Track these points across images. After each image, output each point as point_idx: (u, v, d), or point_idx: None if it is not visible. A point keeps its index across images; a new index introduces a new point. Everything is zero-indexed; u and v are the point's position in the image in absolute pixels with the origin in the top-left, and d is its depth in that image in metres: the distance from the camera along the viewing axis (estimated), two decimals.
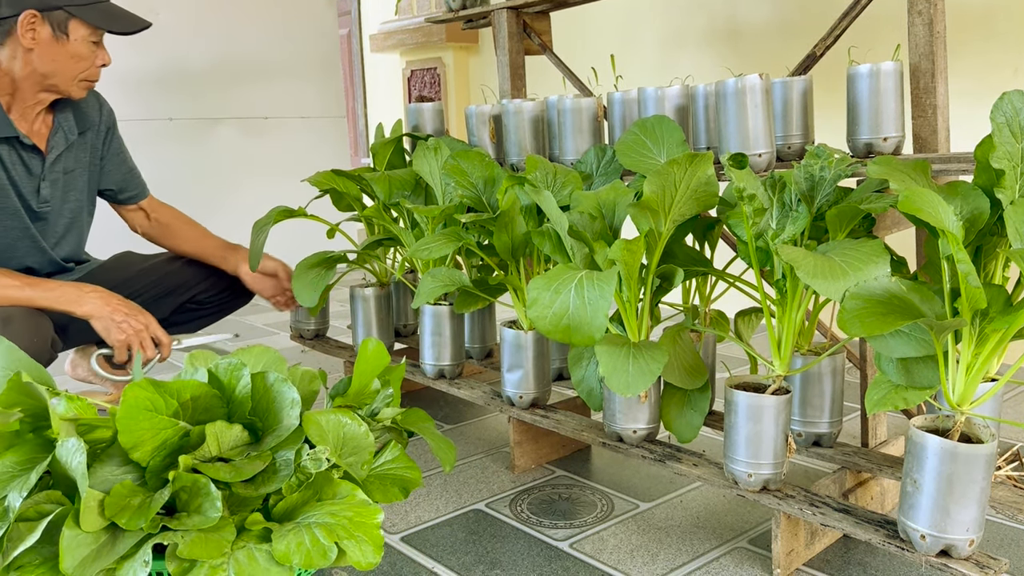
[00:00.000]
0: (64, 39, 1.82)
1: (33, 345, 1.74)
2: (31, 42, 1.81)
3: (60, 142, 1.98)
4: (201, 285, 2.25)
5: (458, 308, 1.93)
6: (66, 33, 1.82)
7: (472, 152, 1.85)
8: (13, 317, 1.73)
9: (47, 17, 1.80)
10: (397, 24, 4.80)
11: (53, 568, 1.05)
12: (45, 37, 1.81)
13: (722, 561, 1.48)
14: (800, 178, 1.38)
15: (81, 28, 1.83)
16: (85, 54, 1.86)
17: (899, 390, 1.26)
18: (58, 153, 1.98)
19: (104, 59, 1.90)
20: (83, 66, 1.87)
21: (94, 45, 1.87)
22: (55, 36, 1.82)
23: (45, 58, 1.83)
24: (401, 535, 1.61)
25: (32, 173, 1.95)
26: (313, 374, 1.41)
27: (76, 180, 2.07)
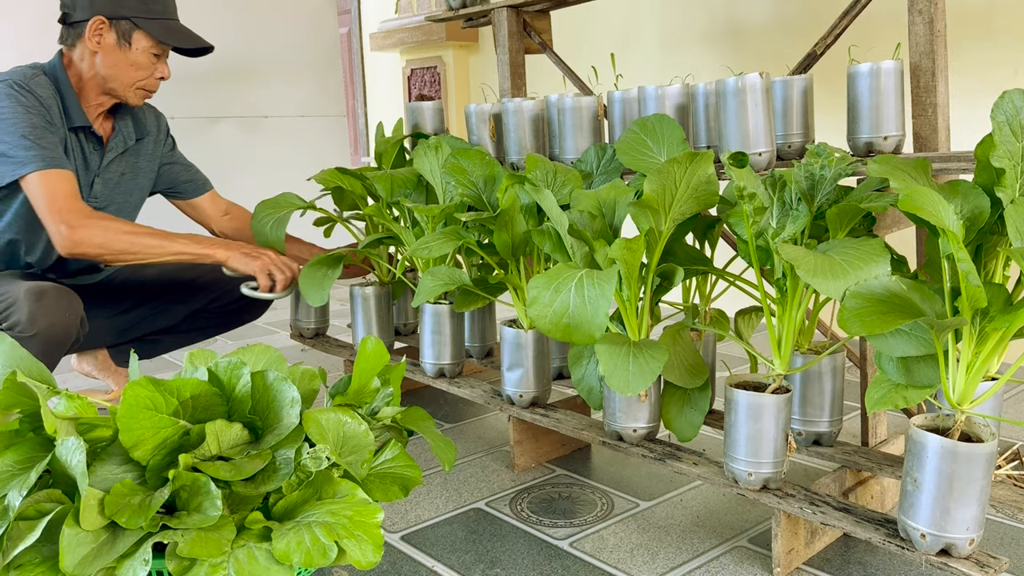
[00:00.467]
0: (126, 47, 1.95)
1: (65, 319, 1.80)
2: (96, 45, 1.94)
3: (119, 144, 2.09)
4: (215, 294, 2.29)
5: (458, 307, 1.93)
6: (129, 42, 1.95)
7: (472, 151, 1.85)
8: (47, 292, 1.80)
9: (114, 25, 1.94)
10: (397, 23, 4.80)
11: (53, 567, 1.05)
12: (110, 43, 1.95)
13: (722, 560, 1.48)
14: (800, 177, 1.38)
15: (143, 39, 1.96)
16: (144, 64, 1.98)
17: (899, 389, 1.26)
18: (116, 155, 2.09)
19: (163, 72, 2.03)
20: (141, 75, 1.99)
21: (155, 57, 1.99)
22: (119, 43, 1.95)
23: (107, 62, 1.96)
24: (401, 534, 1.61)
25: (89, 167, 2.04)
26: (313, 373, 1.41)
27: (127, 184, 2.15)
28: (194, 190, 2.33)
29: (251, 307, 2.34)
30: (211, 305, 2.29)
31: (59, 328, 1.79)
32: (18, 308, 1.77)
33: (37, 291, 1.80)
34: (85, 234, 1.83)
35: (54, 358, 1.84)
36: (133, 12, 1.94)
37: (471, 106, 2.20)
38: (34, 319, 1.75)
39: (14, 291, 1.81)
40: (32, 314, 1.75)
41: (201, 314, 2.31)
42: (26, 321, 1.75)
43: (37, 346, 1.76)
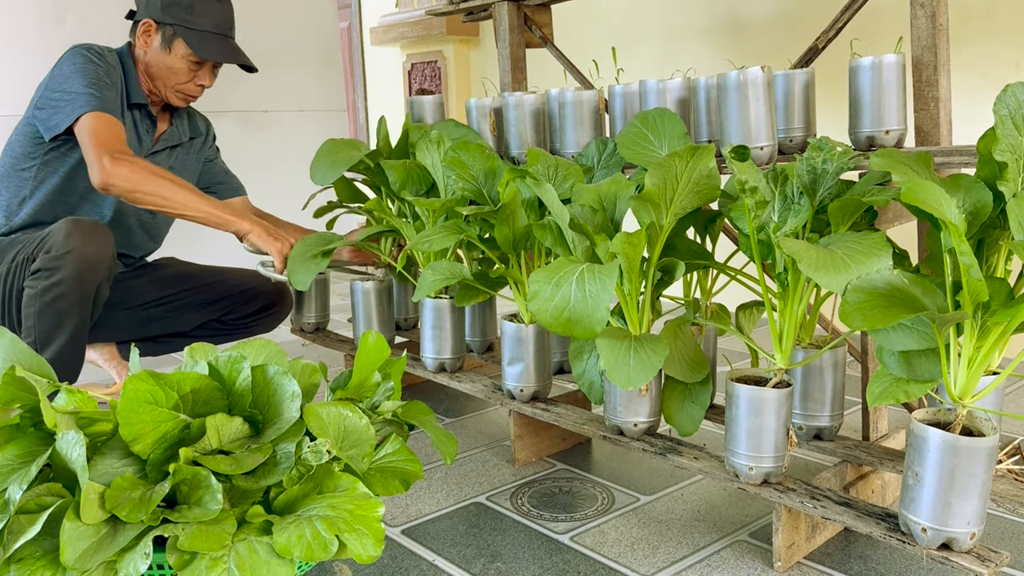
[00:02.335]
0: (167, 51, 2.08)
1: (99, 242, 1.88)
2: (145, 45, 2.10)
3: (172, 137, 2.22)
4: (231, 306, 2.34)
5: (459, 301, 1.93)
6: (170, 47, 2.08)
7: (473, 145, 1.84)
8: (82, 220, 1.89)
9: (160, 29, 2.08)
10: (397, 17, 4.79)
11: (54, 560, 1.05)
12: (155, 45, 2.09)
13: (723, 554, 1.48)
14: (802, 171, 1.38)
15: (182, 47, 2.08)
16: (181, 70, 2.10)
17: (900, 383, 1.26)
18: (167, 146, 2.21)
19: (204, 80, 2.15)
20: (179, 79, 2.11)
21: (195, 64, 2.10)
22: (162, 47, 2.09)
23: (152, 62, 2.10)
24: (402, 528, 1.61)
25: (142, 145, 2.16)
26: (314, 367, 1.41)
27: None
28: (225, 192, 2.40)
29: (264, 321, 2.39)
30: (226, 316, 2.34)
31: (92, 248, 1.86)
32: (55, 232, 1.86)
33: (73, 218, 1.89)
34: (124, 168, 1.88)
35: (87, 284, 1.88)
36: (178, 20, 2.06)
37: (472, 100, 2.20)
38: (70, 236, 1.83)
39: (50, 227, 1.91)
40: (68, 232, 1.83)
41: (215, 324, 2.35)
42: (62, 239, 1.83)
43: (72, 265, 1.83)
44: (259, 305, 2.36)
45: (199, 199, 1.97)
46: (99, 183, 1.89)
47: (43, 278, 1.83)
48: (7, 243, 2.01)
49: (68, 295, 1.84)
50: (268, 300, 2.37)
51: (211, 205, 1.99)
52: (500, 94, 2.22)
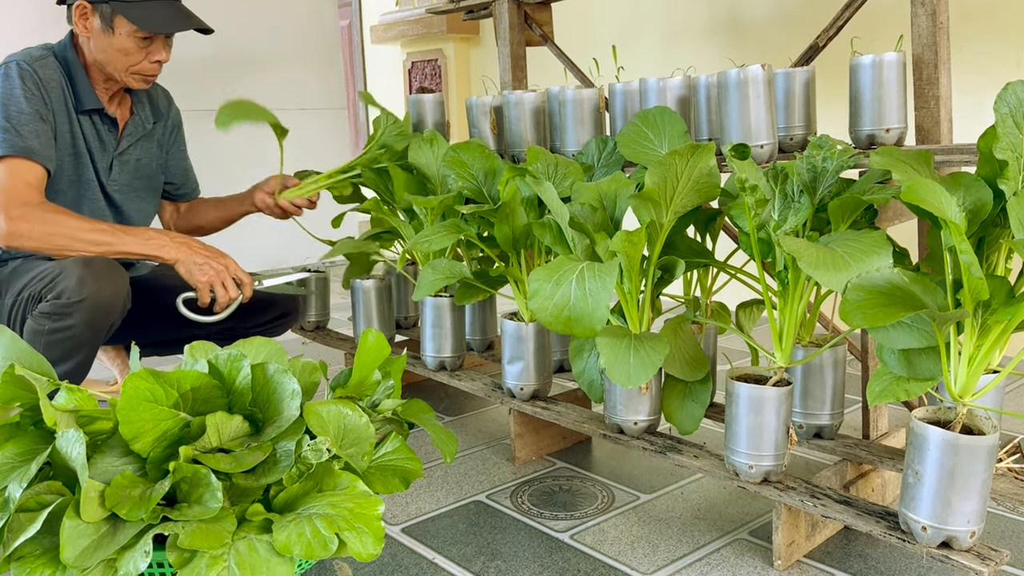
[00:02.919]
0: (110, 32, 1.86)
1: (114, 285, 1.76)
2: (84, 31, 1.88)
3: (137, 129, 2.06)
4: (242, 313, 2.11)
5: (459, 300, 1.93)
6: (112, 27, 1.86)
7: (472, 143, 1.84)
8: (95, 261, 1.77)
9: (97, 9, 1.85)
10: (398, 15, 4.78)
11: (54, 558, 1.05)
12: (96, 28, 1.87)
13: (723, 552, 1.48)
14: (802, 169, 1.38)
15: (125, 24, 1.86)
16: (131, 49, 1.88)
17: (901, 382, 1.26)
18: (134, 140, 2.05)
19: (159, 55, 1.92)
20: (132, 60, 1.90)
21: (144, 41, 1.88)
22: (103, 28, 1.87)
23: (97, 47, 1.89)
24: (402, 526, 1.61)
25: (106, 149, 2.00)
26: (314, 365, 1.41)
27: (145, 169, 2.11)
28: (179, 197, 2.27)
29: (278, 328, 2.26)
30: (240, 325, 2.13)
31: (107, 293, 1.74)
32: (67, 275, 1.73)
33: (85, 259, 1.76)
34: (24, 227, 1.75)
35: (99, 329, 1.77)
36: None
37: (472, 99, 2.19)
38: (83, 282, 1.70)
39: (58, 264, 1.77)
40: (81, 278, 1.71)
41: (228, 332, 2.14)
42: (75, 286, 1.71)
43: (85, 313, 1.72)
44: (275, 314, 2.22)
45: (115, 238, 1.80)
46: (2, 244, 1.77)
47: (52, 320, 1.72)
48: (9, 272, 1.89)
49: (78, 337, 1.74)
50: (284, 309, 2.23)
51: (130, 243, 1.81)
52: (500, 92, 2.22)
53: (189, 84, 3.96)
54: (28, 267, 1.85)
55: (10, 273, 1.88)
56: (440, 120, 2.32)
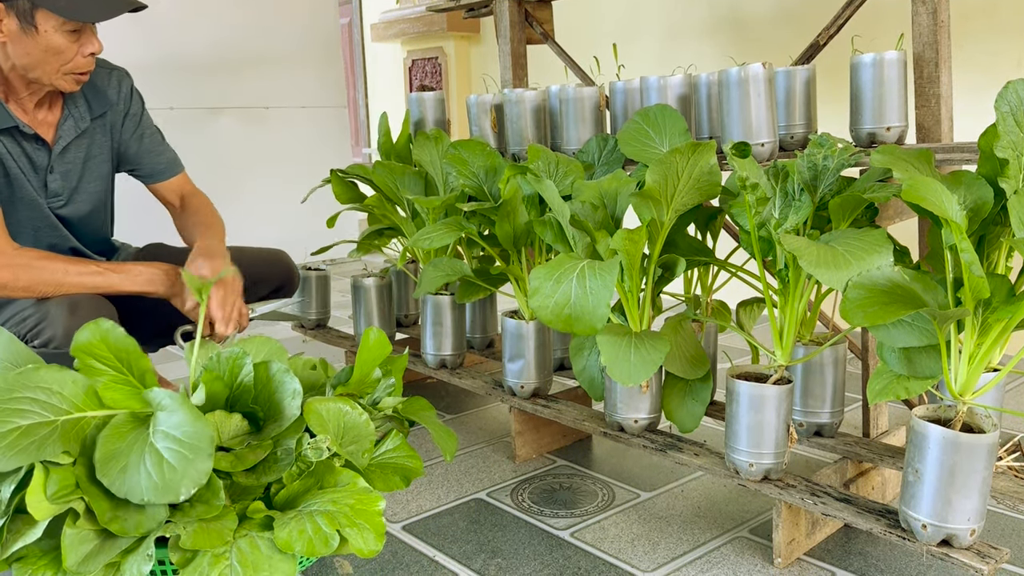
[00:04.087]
0: (33, 31, 1.63)
1: None
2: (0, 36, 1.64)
3: (69, 131, 1.85)
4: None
5: (459, 298, 1.93)
6: (34, 25, 1.62)
7: (473, 141, 1.84)
8: (80, 304, 1.65)
9: (11, 8, 1.61)
10: (398, 13, 4.78)
11: (55, 560, 1.05)
12: (13, 30, 1.63)
13: (723, 550, 1.48)
14: (803, 167, 1.38)
15: (50, 18, 1.62)
16: (61, 46, 1.65)
17: (901, 380, 1.26)
18: (67, 142, 1.85)
19: (91, 47, 1.69)
20: (63, 59, 1.67)
21: (72, 34, 1.66)
22: (23, 28, 1.63)
23: (19, 52, 1.66)
24: (403, 524, 1.61)
25: (37, 166, 1.83)
26: (315, 363, 1.41)
27: (96, 167, 1.93)
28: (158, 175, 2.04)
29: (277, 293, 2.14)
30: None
31: None
32: (52, 323, 1.61)
33: (70, 303, 1.64)
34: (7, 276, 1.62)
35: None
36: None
37: (472, 97, 2.19)
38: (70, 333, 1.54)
39: (44, 305, 1.65)
40: (68, 328, 1.58)
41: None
42: (62, 336, 1.59)
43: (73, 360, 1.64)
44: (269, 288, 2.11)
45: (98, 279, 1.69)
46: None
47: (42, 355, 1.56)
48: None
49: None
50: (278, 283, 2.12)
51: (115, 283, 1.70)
52: (501, 90, 2.22)
53: (189, 83, 3.97)
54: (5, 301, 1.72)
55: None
56: (441, 118, 2.32)
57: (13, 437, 1.03)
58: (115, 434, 1.08)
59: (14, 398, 1.05)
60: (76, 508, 1.04)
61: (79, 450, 1.09)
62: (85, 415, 1.11)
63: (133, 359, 1.17)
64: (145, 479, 1.04)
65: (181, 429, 1.07)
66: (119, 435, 1.09)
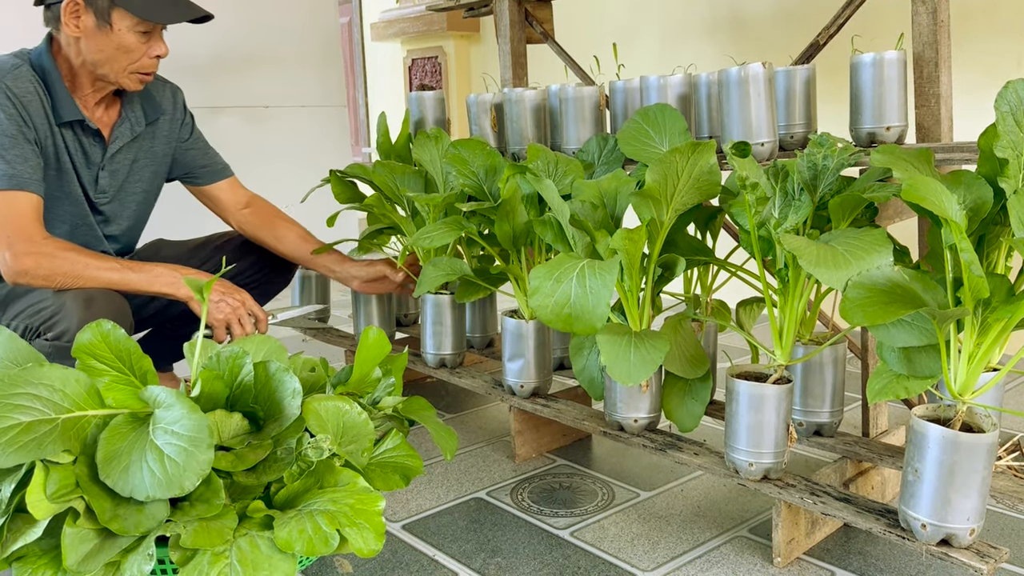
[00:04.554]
0: (108, 29, 1.73)
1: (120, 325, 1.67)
2: (75, 30, 1.74)
3: (125, 133, 1.92)
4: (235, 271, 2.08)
5: (459, 297, 1.93)
6: (109, 23, 1.73)
7: (473, 141, 1.84)
8: (95, 299, 1.68)
9: (90, 5, 1.72)
10: (398, 12, 4.78)
11: (55, 559, 1.05)
12: (89, 26, 1.73)
13: (722, 550, 1.48)
14: (803, 167, 1.38)
15: (125, 18, 1.73)
16: (132, 45, 1.75)
17: (901, 379, 1.26)
18: (122, 144, 1.92)
19: (158, 50, 1.80)
20: (132, 57, 1.77)
21: (143, 35, 1.76)
22: (99, 25, 1.73)
23: (91, 48, 1.75)
24: (402, 523, 1.61)
25: (91, 161, 1.89)
26: (315, 363, 1.41)
27: (143, 170, 2.00)
28: (210, 176, 2.13)
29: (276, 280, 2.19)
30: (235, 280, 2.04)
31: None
32: (66, 315, 1.65)
33: (86, 297, 1.67)
34: (30, 264, 1.67)
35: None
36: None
37: (472, 96, 2.19)
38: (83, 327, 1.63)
39: (58, 298, 1.68)
40: (82, 321, 1.61)
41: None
42: (75, 330, 1.59)
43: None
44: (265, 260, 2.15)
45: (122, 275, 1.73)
46: (9, 279, 1.69)
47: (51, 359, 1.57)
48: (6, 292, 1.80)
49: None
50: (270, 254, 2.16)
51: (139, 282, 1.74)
52: (501, 90, 2.22)
53: (189, 82, 3.96)
54: (23, 290, 1.76)
55: (7, 293, 1.79)
56: (441, 117, 2.32)
57: (13, 434, 1.03)
58: (116, 434, 1.09)
59: (16, 394, 1.05)
60: (76, 507, 1.04)
61: (79, 449, 1.09)
62: (86, 414, 1.11)
63: (135, 359, 1.17)
64: (148, 476, 1.04)
65: (180, 423, 1.08)
66: (120, 435, 1.09)
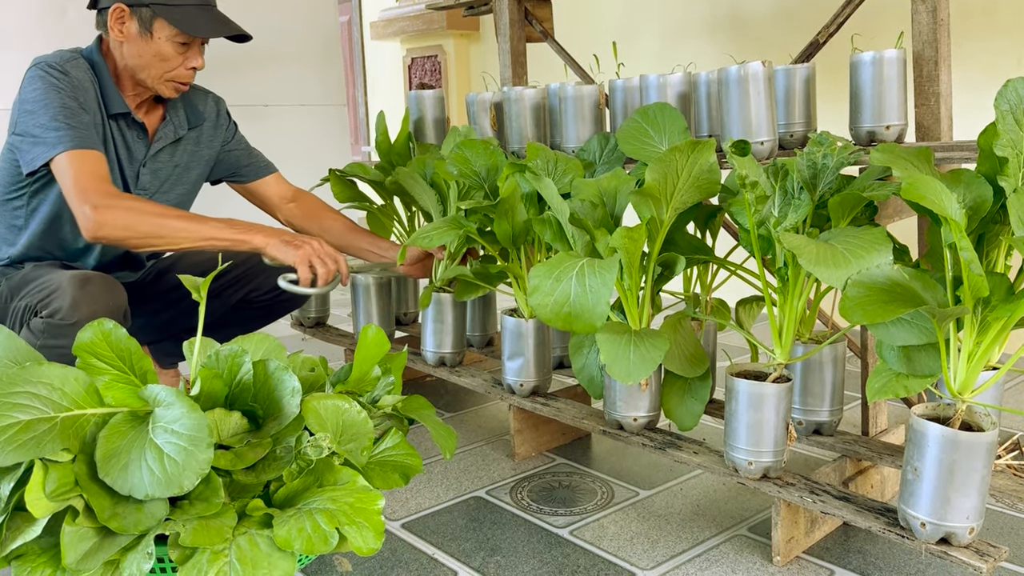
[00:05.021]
0: (148, 37, 1.82)
1: (109, 308, 1.71)
2: (120, 35, 1.83)
3: (168, 134, 1.99)
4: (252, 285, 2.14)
5: (459, 295, 1.93)
6: (150, 31, 1.82)
7: (478, 141, 1.84)
8: (91, 279, 1.72)
9: (135, 12, 1.81)
10: (398, 11, 4.78)
11: (55, 557, 1.05)
12: (133, 32, 1.82)
13: (722, 548, 1.48)
14: (802, 166, 1.38)
15: (165, 28, 1.82)
16: (170, 55, 1.84)
17: (900, 378, 1.26)
18: (164, 144, 1.98)
19: (195, 62, 1.88)
20: (168, 66, 1.86)
21: (182, 46, 1.85)
22: (141, 33, 1.82)
23: (132, 52, 1.84)
24: (402, 522, 1.61)
25: (134, 157, 1.95)
26: (316, 363, 1.41)
27: (184, 173, 2.05)
28: (254, 173, 2.18)
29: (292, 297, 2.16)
30: (252, 295, 2.14)
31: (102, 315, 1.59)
32: (61, 294, 1.68)
33: (82, 278, 1.71)
34: (110, 216, 1.70)
35: None
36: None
37: (472, 95, 2.19)
38: (77, 305, 1.66)
39: (57, 278, 1.72)
40: (75, 300, 1.66)
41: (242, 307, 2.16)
42: (68, 307, 1.66)
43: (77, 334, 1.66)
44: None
45: (200, 224, 1.78)
46: (88, 236, 1.72)
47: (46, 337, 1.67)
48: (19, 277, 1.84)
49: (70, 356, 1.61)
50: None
51: (214, 227, 1.79)
52: (500, 89, 2.22)
53: None
54: (34, 275, 1.81)
55: (20, 278, 1.84)
56: (440, 116, 2.32)
57: (12, 432, 1.03)
58: (115, 433, 1.09)
59: (15, 392, 1.05)
60: (75, 506, 1.04)
61: (79, 447, 1.09)
62: (85, 412, 1.11)
63: (135, 359, 1.17)
64: (147, 475, 1.04)
65: (179, 422, 1.08)
66: (119, 433, 1.09)
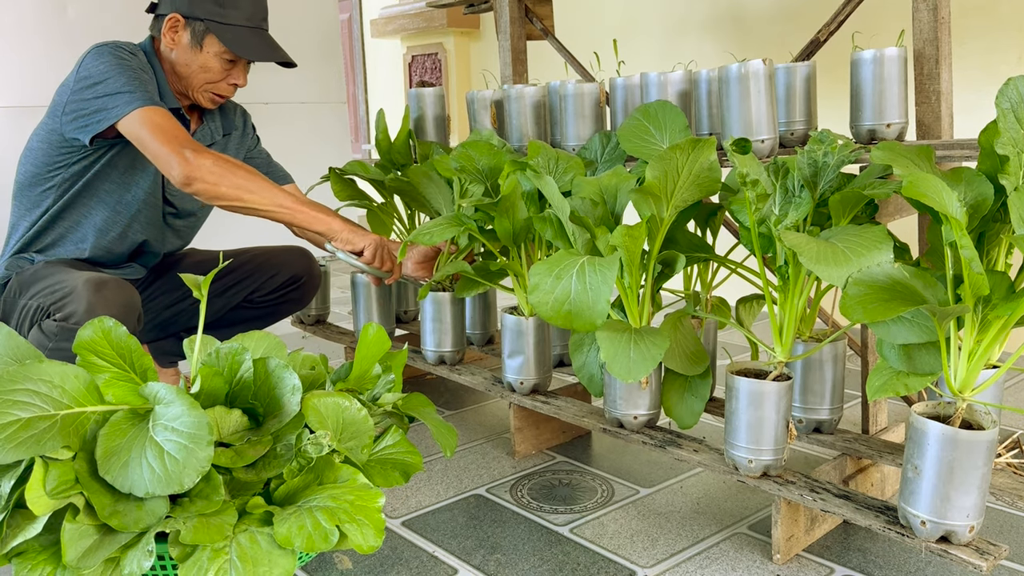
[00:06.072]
0: (198, 49, 1.91)
1: (123, 313, 1.72)
2: (172, 42, 1.92)
3: (206, 136, 2.06)
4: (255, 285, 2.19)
5: (459, 293, 1.93)
6: (200, 44, 1.91)
7: (482, 142, 1.84)
8: (107, 283, 1.73)
9: (189, 24, 1.90)
10: (398, 9, 4.78)
11: (55, 555, 1.05)
12: (184, 42, 1.91)
13: (722, 546, 1.48)
14: (803, 164, 1.38)
15: (215, 44, 1.91)
16: (214, 68, 1.93)
17: (900, 376, 1.26)
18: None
19: (238, 79, 1.97)
20: (210, 78, 1.94)
21: (228, 63, 1.94)
22: (191, 44, 1.91)
23: (180, 59, 1.93)
24: (402, 519, 1.61)
25: None
26: (316, 361, 1.41)
27: None
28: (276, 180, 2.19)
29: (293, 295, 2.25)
30: (253, 296, 2.19)
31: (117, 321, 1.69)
32: (76, 298, 1.70)
33: (97, 282, 1.72)
34: (207, 162, 1.74)
35: None
36: (208, 15, 1.89)
37: (472, 93, 2.19)
38: (92, 310, 1.67)
39: (71, 280, 1.73)
40: (91, 305, 1.68)
41: (244, 307, 2.20)
42: (83, 312, 1.67)
43: None
44: (284, 278, 2.21)
45: (283, 195, 1.82)
46: (182, 178, 1.74)
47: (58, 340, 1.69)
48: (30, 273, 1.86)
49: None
50: (293, 272, 2.22)
51: (296, 201, 1.84)
52: (501, 86, 2.22)
53: None
54: (45, 273, 1.82)
55: (31, 275, 1.84)
56: (441, 114, 2.32)
57: (13, 430, 1.03)
58: (115, 430, 1.09)
59: (15, 390, 1.05)
60: (76, 503, 1.04)
61: (79, 445, 1.09)
62: (85, 410, 1.11)
63: (135, 356, 1.17)
64: (147, 472, 1.04)
65: (179, 420, 1.08)
66: (120, 431, 1.09)
